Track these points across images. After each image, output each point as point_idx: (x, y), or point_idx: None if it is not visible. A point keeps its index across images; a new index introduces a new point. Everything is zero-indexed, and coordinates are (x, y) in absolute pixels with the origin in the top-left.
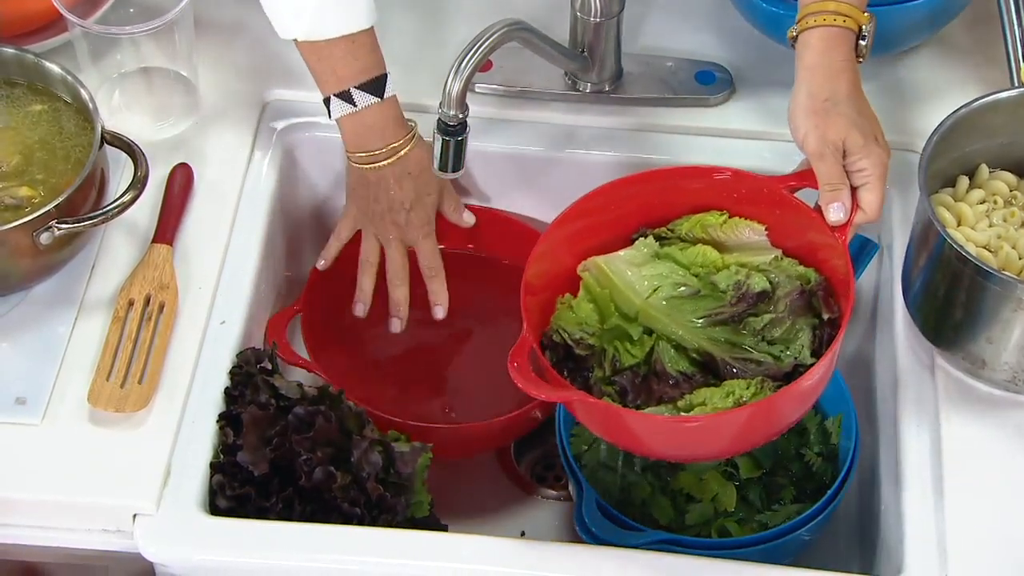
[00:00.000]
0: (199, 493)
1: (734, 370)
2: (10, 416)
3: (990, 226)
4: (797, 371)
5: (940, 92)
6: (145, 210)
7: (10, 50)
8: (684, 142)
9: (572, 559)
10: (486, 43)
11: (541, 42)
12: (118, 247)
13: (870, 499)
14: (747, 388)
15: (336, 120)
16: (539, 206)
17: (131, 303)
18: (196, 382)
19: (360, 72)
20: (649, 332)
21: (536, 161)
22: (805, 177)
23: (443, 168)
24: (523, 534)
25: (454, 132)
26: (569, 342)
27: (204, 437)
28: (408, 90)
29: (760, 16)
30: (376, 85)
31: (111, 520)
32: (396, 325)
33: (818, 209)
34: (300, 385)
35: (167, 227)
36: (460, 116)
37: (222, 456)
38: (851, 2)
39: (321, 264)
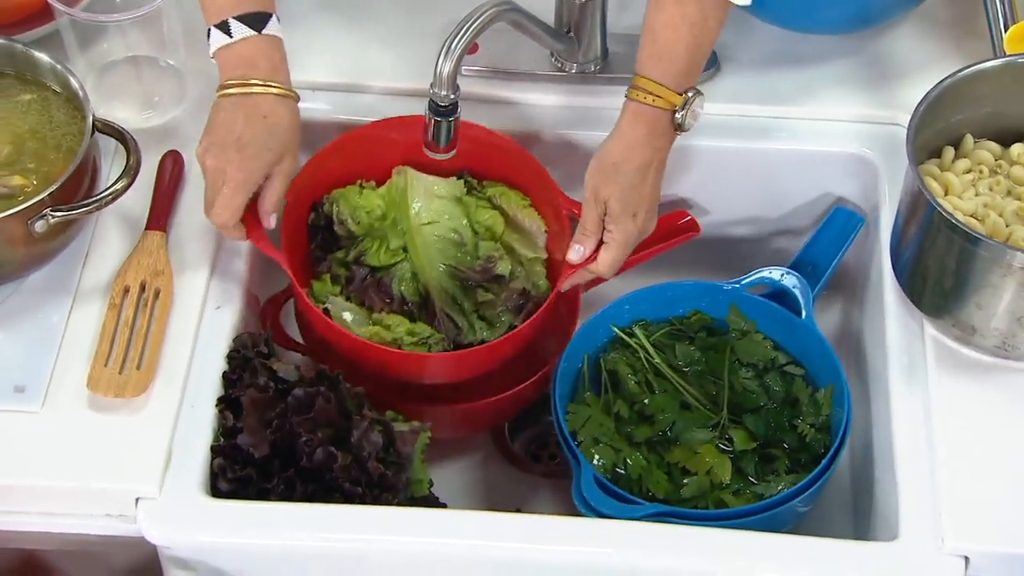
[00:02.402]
0: (200, 476)
1: (437, 319)
2: (10, 404)
3: (976, 195)
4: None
5: (922, 66)
6: (137, 198)
7: None
8: None
9: (574, 532)
10: (476, 23)
11: (528, 22)
12: (111, 235)
13: (863, 469)
14: (423, 340)
15: (213, 55)
16: None
17: (127, 290)
18: (194, 367)
19: (241, 3)
20: (405, 251)
21: (523, 142)
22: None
23: (435, 148)
24: (518, 511)
25: (446, 112)
26: (334, 218)
27: (204, 421)
28: (395, 74)
29: None
30: (256, 19)
31: (114, 505)
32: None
33: None
34: (298, 368)
35: (160, 214)
36: (452, 96)
37: (222, 439)
38: (666, 82)
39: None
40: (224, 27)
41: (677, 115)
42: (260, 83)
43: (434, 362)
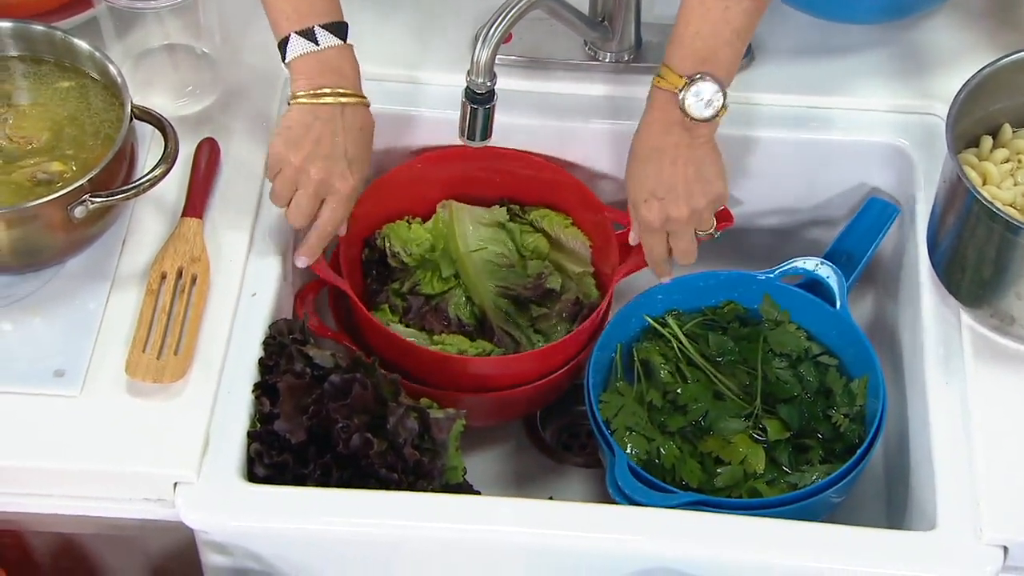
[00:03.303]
0: (238, 461)
1: (496, 336)
2: (50, 388)
3: (1015, 184)
4: None
5: (957, 56)
6: (173, 185)
7: (39, 28)
8: None
9: (608, 520)
10: (513, 10)
11: (563, 10)
12: (148, 222)
13: (898, 459)
14: (478, 350)
15: (290, 62)
16: None
17: (164, 276)
18: (230, 353)
19: (322, 13)
20: (457, 277)
21: (557, 132)
22: (628, 219)
23: (471, 137)
24: (551, 499)
25: (483, 100)
26: (387, 251)
27: (241, 406)
28: (429, 63)
29: None
30: (339, 28)
31: (152, 489)
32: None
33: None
34: (334, 354)
35: (196, 201)
36: (488, 84)
37: (259, 425)
38: (671, 64)
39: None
40: (309, 34)
41: (679, 96)
42: (350, 93)
43: (493, 365)
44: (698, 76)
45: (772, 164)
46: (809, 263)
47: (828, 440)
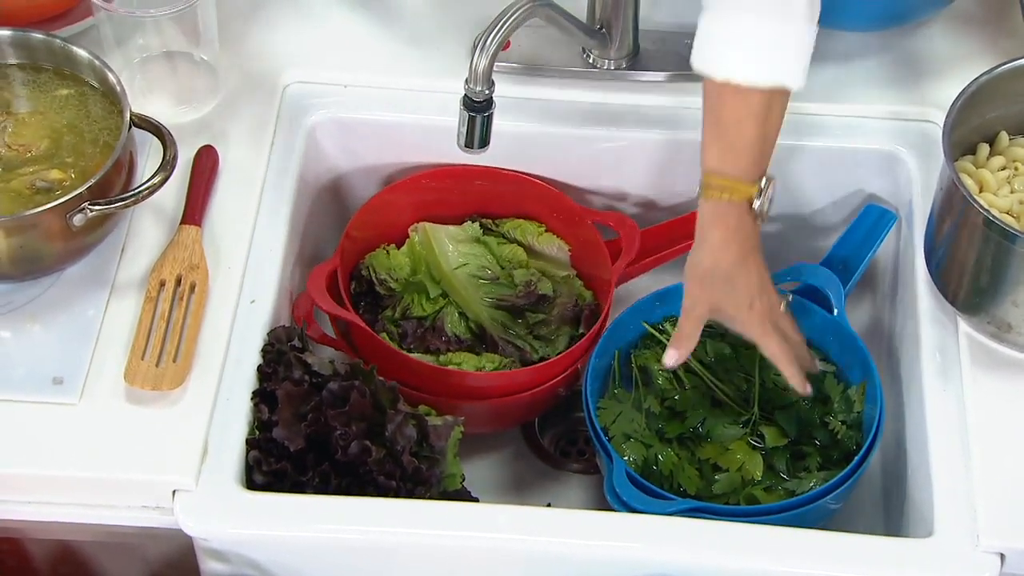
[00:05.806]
0: (236, 469)
1: (499, 347)
2: (48, 396)
3: (1011, 192)
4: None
5: (954, 63)
6: (171, 192)
7: (38, 36)
8: (701, 118)
9: (606, 527)
10: (511, 18)
11: (561, 18)
12: (147, 229)
13: (895, 466)
14: (495, 363)
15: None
16: (558, 185)
17: (162, 283)
18: (229, 360)
19: None
20: (445, 296)
21: (555, 139)
22: (611, 218)
23: (469, 144)
24: (549, 506)
25: (481, 108)
26: (374, 279)
27: (239, 414)
28: (427, 70)
29: None
30: None
31: (151, 496)
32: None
33: (609, 244)
34: (332, 362)
35: (195, 208)
36: (487, 92)
37: (257, 432)
38: (738, 176)
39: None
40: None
41: (755, 205)
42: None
43: (501, 377)
44: (764, 181)
45: (769, 171)
46: (806, 270)
47: (825, 447)
